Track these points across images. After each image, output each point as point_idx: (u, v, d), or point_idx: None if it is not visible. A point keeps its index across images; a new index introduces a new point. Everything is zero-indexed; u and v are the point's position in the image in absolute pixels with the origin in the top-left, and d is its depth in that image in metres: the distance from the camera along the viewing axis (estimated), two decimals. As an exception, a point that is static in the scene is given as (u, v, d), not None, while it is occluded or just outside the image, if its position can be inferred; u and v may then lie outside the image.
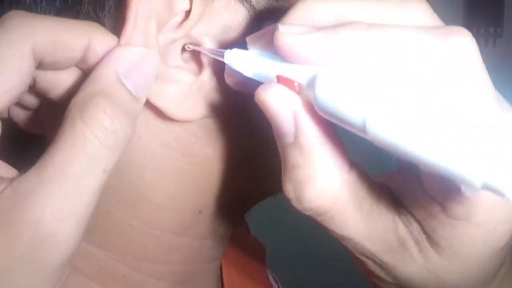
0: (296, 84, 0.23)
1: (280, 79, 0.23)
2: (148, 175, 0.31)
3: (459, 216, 0.23)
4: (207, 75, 0.28)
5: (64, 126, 0.23)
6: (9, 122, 0.28)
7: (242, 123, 0.30)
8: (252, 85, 0.24)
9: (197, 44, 0.28)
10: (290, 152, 0.24)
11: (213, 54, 0.27)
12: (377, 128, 0.20)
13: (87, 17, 0.27)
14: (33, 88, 0.27)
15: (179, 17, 0.28)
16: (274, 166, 0.26)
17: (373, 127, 0.20)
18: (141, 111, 0.25)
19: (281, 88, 0.23)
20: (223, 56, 0.26)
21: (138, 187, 0.31)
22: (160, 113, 0.28)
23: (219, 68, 0.28)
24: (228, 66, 0.26)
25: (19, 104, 0.28)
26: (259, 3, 0.29)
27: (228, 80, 0.27)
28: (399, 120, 0.19)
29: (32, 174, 0.22)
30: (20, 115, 0.30)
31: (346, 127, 0.21)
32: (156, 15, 0.26)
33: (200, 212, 0.33)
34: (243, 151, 0.31)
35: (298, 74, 0.22)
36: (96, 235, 0.31)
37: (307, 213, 0.24)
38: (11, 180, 0.22)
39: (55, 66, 0.26)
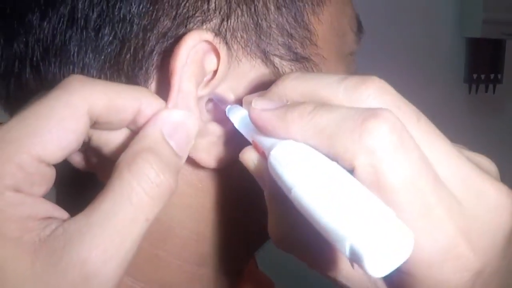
0: (261, 151, 0.27)
1: (254, 144, 0.28)
2: (175, 211, 0.33)
3: (402, 269, 0.24)
4: (230, 126, 0.31)
5: (113, 178, 0.25)
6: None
7: None
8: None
9: (222, 99, 0.31)
10: (265, 201, 0.28)
11: (223, 106, 0.31)
12: (295, 199, 0.24)
13: (127, 75, 0.30)
14: (87, 144, 0.29)
15: (208, 76, 0.31)
16: None
17: (294, 198, 0.24)
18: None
19: (253, 152, 0.28)
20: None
21: (165, 221, 0.33)
22: (190, 159, 0.30)
23: None
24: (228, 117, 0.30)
25: None
26: (282, 65, 0.32)
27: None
28: (308, 198, 0.24)
29: (82, 218, 0.24)
30: (73, 157, 0.32)
31: (284, 190, 0.26)
32: (195, 77, 0.29)
33: (217, 246, 0.36)
34: (257, 194, 0.33)
35: (264, 142, 0.27)
36: None
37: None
38: (63, 221, 0.24)
39: (109, 127, 0.28)
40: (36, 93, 0.27)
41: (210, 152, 0.31)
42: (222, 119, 0.32)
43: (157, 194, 0.25)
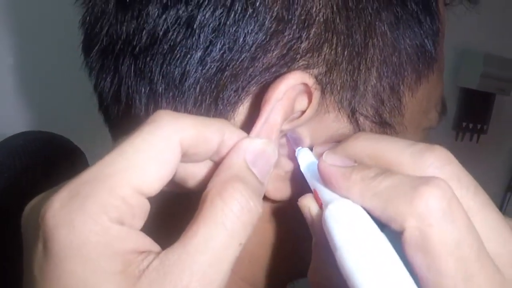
0: (320, 201, 0.29)
1: (314, 193, 0.30)
2: None
3: None
4: (297, 165, 0.33)
5: (204, 206, 0.26)
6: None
7: None
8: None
9: (297, 138, 0.33)
10: (312, 247, 0.30)
11: (295, 145, 0.32)
12: (339, 258, 0.26)
13: (218, 94, 0.32)
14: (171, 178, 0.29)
15: (294, 115, 0.32)
16: None
17: (338, 257, 0.26)
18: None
19: (312, 200, 0.29)
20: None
21: None
22: None
23: None
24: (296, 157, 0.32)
25: None
26: (365, 124, 0.34)
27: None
28: (351, 262, 0.26)
29: (178, 247, 0.25)
30: None
31: (331, 245, 0.27)
32: (284, 113, 0.31)
33: (267, 269, 0.37)
34: (303, 236, 0.34)
35: (324, 194, 0.29)
36: None
37: None
38: (158, 253, 0.25)
39: (195, 158, 0.29)
40: (127, 85, 0.28)
41: (274, 184, 0.33)
42: (291, 156, 0.33)
43: (248, 219, 0.26)
